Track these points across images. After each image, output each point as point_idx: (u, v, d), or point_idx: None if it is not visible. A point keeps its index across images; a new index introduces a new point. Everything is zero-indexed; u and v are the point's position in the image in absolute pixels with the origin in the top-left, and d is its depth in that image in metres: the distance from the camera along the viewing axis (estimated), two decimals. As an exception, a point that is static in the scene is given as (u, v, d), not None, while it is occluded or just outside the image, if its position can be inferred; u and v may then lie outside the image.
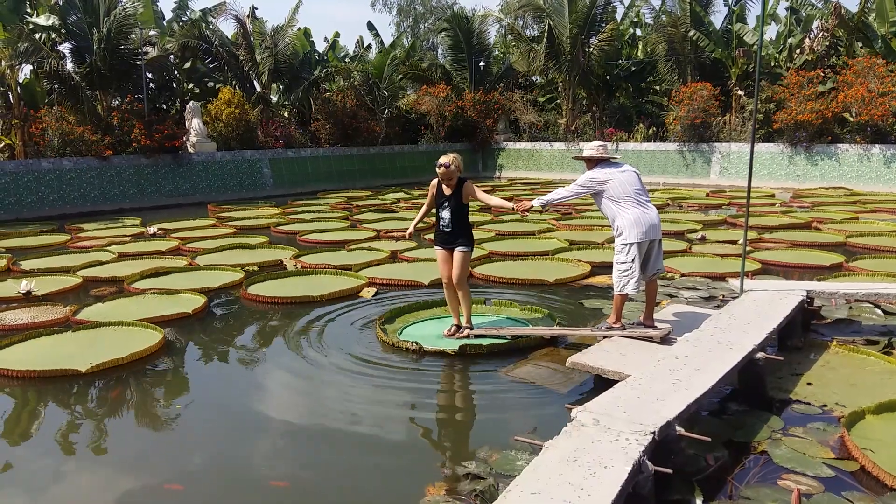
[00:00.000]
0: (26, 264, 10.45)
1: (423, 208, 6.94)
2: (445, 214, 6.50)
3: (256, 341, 7.06)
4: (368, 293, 8.55)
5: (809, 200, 17.42)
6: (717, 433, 4.52)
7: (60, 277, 9.53)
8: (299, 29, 26.08)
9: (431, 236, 6.67)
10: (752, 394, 5.26)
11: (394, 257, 10.73)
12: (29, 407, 5.46)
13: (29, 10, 20.11)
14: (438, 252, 6.66)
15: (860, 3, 23.34)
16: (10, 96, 18.69)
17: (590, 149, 6.22)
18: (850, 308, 7.47)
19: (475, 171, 27.92)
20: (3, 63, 18.28)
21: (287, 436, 4.87)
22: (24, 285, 8.57)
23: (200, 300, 8.09)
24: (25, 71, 19.65)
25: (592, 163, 6.19)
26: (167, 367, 6.26)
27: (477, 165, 28.16)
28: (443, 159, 6.40)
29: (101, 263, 10.49)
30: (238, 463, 4.50)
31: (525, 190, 21.58)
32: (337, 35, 30.26)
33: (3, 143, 19.13)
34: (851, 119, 21.44)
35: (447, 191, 6.51)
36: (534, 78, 32.26)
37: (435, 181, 6.61)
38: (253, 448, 4.70)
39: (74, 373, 5.86)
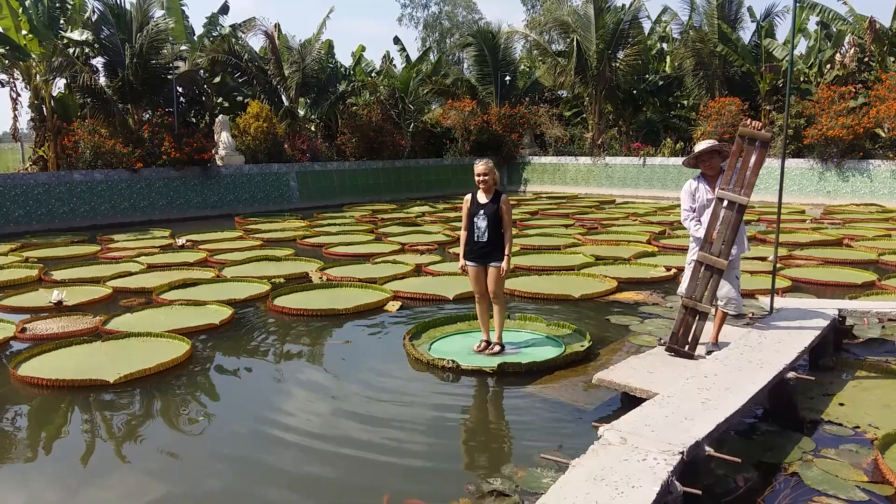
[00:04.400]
0: (57, 274, 10.62)
1: (464, 232, 6.57)
2: (482, 223, 6.37)
3: (282, 354, 7.09)
4: (393, 307, 8.56)
5: (840, 217, 17.17)
6: (747, 454, 4.44)
7: (91, 288, 9.67)
8: (324, 42, 26.33)
9: (457, 250, 6.60)
10: (782, 414, 5.18)
11: (418, 271, 10.73)
12: (57, 416, 5.52)
13: (63, 26, 20.53)
14: (470, 268, 6.54)
15: (893, 16, 23.06)
16: (44, 109, 19.07)
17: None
18: (884, 327, 7.33)
19: (500, 184, 27.88)
20: (38, 77, 18.69)
21: (309, 450, 4.86)
22: (55, 295, 8.70)
23: (227, 312, 8.16)
24: (59, 85, 20.08)
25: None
26: (193, 378, 6.30)
27: (502, 179, 28.16)
28: (479, 168, 6.37)
29: (130, 274, 10.63)
30: (258, 475, 4.51)
31: (551, 204, 21.53)
32: (362, 49, 30.49)
33: (37, 155, 19.51)
34: (884, 134, 21.12)
35: (484, 199, 6.44)
36: (560, 92, 32.25)
37: (468, 196, 6.56)
38: (274, 461, 4.70)
39: (103, 383, 5.93)
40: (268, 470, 4.57)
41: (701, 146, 6.00)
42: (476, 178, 6.41)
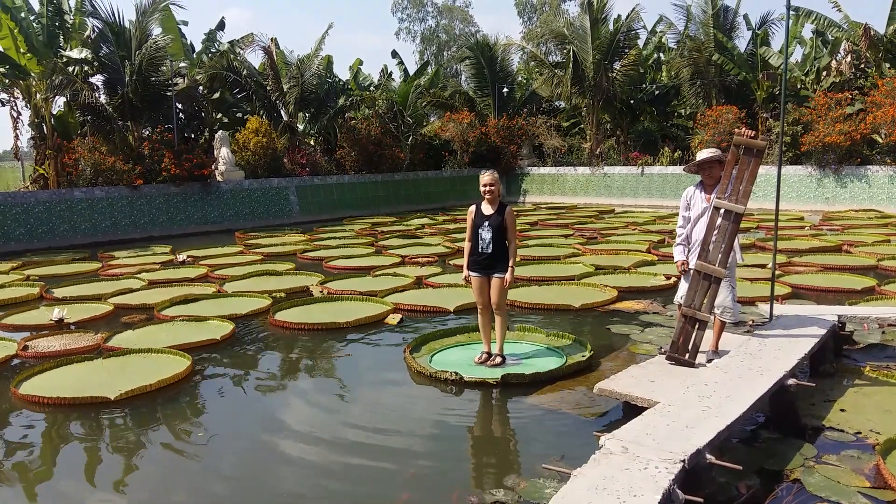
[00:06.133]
0: (59, 292, 10.63)
1: (468, 243, 6.58)
2: (486, 235, 6.39)
3: (283, 368, 7.10)
4: (394, 319, 8.57)
5: (839, 223, 17.19)
6: (749, 461, 4.44)
7: (92, 305, 9.67)
8: (323, 58, 26.48)
9: (458, 262, 6.64)
10: (783, 421, 5.18)
11: (419, 283, 10.74)
12: (58, 434, 5.52)
13: (63, 44, 20.64)
14: (474, 279, 6.55)
15: (887, 22, 23.17)
16: (45, 128, 19.14)
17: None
18: (884, 333, 7.32)
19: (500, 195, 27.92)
20: (38, 95, 18.77)
21: (311, 464, 4.86)
22: (56, 313, 8.71)
23: (228, 327, 8.17)
24: (59, 103, 20.17)
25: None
26: (194, 394, 6.31)
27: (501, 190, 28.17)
28: (486, 178, 6.42)
29: (131, 291, 10.64)
30: (259, 492, 4.51)
31: (550, 214, 21.56)
32: (359, 62, 30.63)
33: (38, 174, 19.56)
34: (881, 140, 21.19)
35: (489, 210, 6.47)
36: (557, 103, 32.37)
37: (472, 207, 6.59)
38: (275, 477, 4.70)
39: (103, 400, 5.93)
40: (269, 485, 4.57)
41: (703, 155, 6.04)
42: (482, 189, 6.45)
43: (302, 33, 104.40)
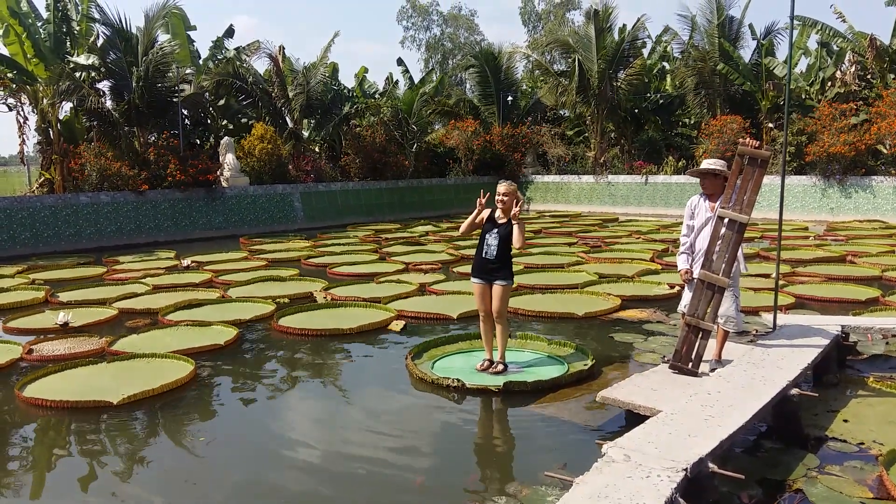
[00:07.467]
0: (64, 296, 10.66)
1: (467, 223, 6.62)
2: (492, 241, 6.41)
3: (286, 374, 7.11)
4: (397, 326, 8.58)
5: (844, 233, 17.17)
6: (751, 470, 4.44)
7: (97, 309, 9.70)
8: (328, 65, 26.60)
9: (461, 269, 6.63)
10: (786, 431, 5.17)
11: (422, 290, 10.75)
12: (60, 437, 5.54)
13: (70, 50, 20.75)
14: (476, 286, 6.57)
15: (892, 33, 23.21)
16: (51, 133, 19.24)
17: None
18: (887, 343, 7.32)
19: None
20: (45, 101, 18.87)
21: (312, 470, 4.87)
22: (61, 317, 8.74)
23: (232, 332, 8.18)
24: (66, 108, 20.27)
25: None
26: (197, 399, 6.32)
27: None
28: (501, 188, 6.45)
29: (136, 295, 10.67)
30: (260, 497, 4.51)
31: (554, 223, 21.57)
32: (365, 70, 30.75)
33: (44, 178, 19.65)
34: (885, 151, 21.18)
35: (501, 219, 6.50)
36: (562, 111, 32.44)
37: (486, 212, 6.61)
38: (277, 482, 4.71)
39: (106, 404, 5.95)
40: (271, 490, 4.57)
41: (708, 164, 6.07)
42: (496, 198, 6.47)
43: (308, 41, 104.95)
